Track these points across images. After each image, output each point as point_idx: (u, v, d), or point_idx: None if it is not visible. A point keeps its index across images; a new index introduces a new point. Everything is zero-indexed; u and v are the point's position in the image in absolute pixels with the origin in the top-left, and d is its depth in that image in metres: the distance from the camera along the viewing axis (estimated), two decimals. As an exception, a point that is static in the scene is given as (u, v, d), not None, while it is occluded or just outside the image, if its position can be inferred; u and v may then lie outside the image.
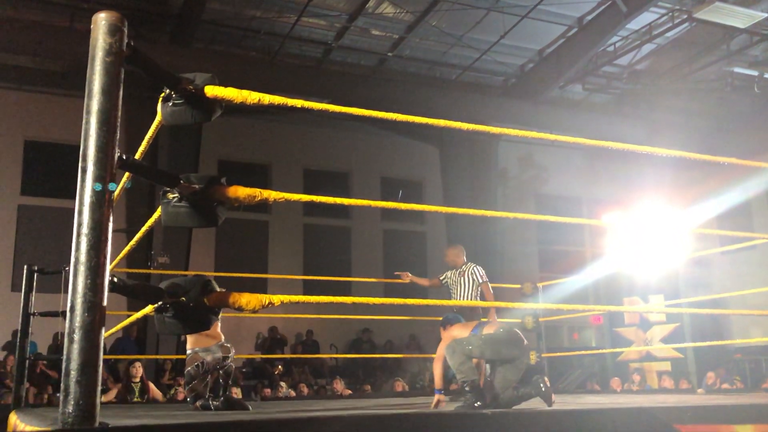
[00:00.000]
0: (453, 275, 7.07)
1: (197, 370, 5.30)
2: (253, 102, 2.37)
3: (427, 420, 2.39)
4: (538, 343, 8.10)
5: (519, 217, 3.44)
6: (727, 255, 13.76)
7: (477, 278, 6.93)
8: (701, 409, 3.11)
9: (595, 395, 8.40)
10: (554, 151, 17.73)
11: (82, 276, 1.90)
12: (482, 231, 15.59)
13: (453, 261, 7.11)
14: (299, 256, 16.03)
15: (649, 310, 12.18)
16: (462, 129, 2.97)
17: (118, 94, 2.05)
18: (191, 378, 5.30)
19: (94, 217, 1.94)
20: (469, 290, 6.91)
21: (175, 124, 2.39)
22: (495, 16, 13.07)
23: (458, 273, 7.01)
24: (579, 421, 2.40)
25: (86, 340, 1.87)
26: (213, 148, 14.95)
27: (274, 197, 2.44)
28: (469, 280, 6.94)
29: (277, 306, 2.35)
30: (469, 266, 7.03)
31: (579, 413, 2.53)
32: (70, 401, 1.84)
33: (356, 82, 14.40)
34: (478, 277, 6.94)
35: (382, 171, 17.23)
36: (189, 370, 5.31)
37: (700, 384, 11.27)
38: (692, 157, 3.71)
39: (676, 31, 13.35)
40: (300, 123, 16.03)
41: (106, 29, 2.04)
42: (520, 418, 2.46)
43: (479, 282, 6.93)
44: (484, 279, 6.96)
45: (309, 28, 13.47)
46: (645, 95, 15.76)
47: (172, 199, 2.34)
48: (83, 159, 1.98)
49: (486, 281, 6.97)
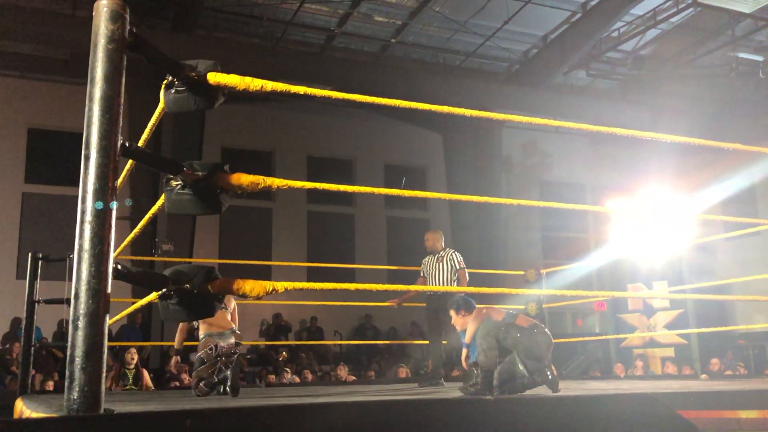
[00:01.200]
0: (430, 260, 7.06)
1: (210, 354, 5.34)
2: (255, 89, 2.36)
3: (431, 406, 2.40)
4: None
5: (523, 204, 3.44)
6: (731, 241, 13.74)
7: (455, 264, 6.94)
8: (705, 394, 3.11)
9: (599, 381, 8.42)
10: (558, 137, 17.69)
11: (86, 263, 1.91)
12: (486, 218, 15.58)
13: (432, 246, 7.08)
14: (303, 243, 16.05)
15: (652, 296, 12.18)
16: (465, 115, 2.96)
17: (121, 81, 2.05)
18: (201, 362, 5.34)
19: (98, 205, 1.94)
20: (447, 276, 6.92)
21: (178, 112, 2.39)
22: (499, 2, 13.01)
23: (436, 259, 7.00)
24: (582, 408, 2.41)
25: (91, 328, 1.88)
26: (216, 135, 14.95)
27: (277, 184, 2.44)
28: (447, 266, 6.94)
29: (281, 293, 2.35)
30: (448, 252, 7.02)
31: (582, 399, 2.54)
32: (75, 388, 1.85)
33: (359, 69, 14.36)
34: (456, 263, 6.95)
35: (385, 158, 17.21)
36: (201, 355, 5.34)
37: (703, 370, 11.29)
38: (697, 143, 3.70)
39: (680, 16, 13.28)
40: (303, 110, 16.00)
41: (108, 16, 2.03)
42: (524, 404, 2.47)
43: (457, 268, 6.94)
44: (461, 265, 6.96)
45: (311, 15, 13.43)
46: (649, 81, 15.69)
47: (176, 187, 2.34)
48: (86, 146, 1.98)
49: (463, 267, 6.98)
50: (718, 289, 12.34)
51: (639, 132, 3.48)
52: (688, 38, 14.33)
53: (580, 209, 4.66)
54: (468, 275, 7.00)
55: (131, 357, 9.01)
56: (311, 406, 2.15)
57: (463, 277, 6.97)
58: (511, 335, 4.67)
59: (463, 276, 6.98)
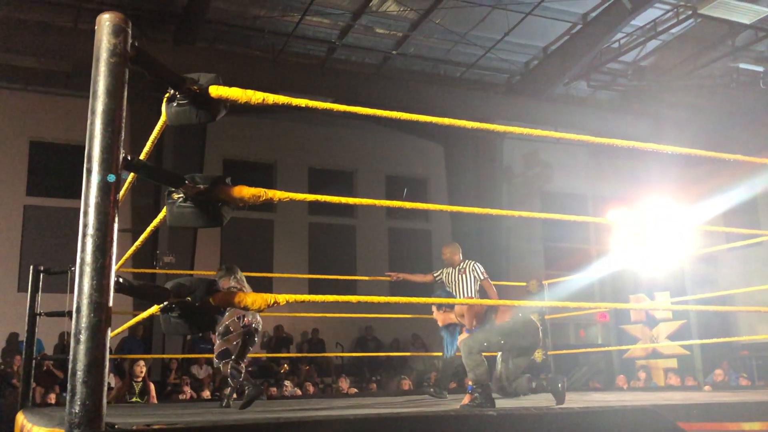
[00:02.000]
0: (452, 273, 7.07)
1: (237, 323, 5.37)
2: (257, 102, 2.36)
3: (431, 420, 2.38)
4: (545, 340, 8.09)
5: (524, 215, 3.43)
6: (733, 252, 13.72)
7: (478, 275, 6.97)
8: (708, 406, 3.10)
9: (601, 393, 8.39)
10: (559, 148, 17.70)
11: (87, 277, 1.90)
12: (487, 228, 15.57)
13: (450, 259, 7.11)
14: (304, 255, 16.04)
15: (655, 307, 12.15)
16: (467, 127, 2.96)
17: (123, 94, 2.05)
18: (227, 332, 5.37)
19: (100, 218, 1.94)
20: (471, 287, 6.94)
21: (179, 125, 2.39)
22: (499, 14, 13.05)
23: (457, 271, 7.02)
24: (585, 421, 2.39)
25: (92, 341, 1.88)
26: (218, 147, 14.98)
27: (279, 197, 2.44)
28: (471, 278, 6.96)
29: (283, 305, 2.35)
30: (469, 263, 7.04)
31: (585, 413, 2.53)
32: (77, 402, 1.85)
33: (360, 81, 14.40)
34: (479, 273, 6.98)
35: (387, 169, 17.23)
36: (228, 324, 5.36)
37: (706, 381, 11.25)
38: (698, 154, 3.69)
39: (681, 27, 13.31)
40: (304, 122, 16.04)
41: (111, 30, 2.04)
42: (525, 418, 2.46)
43: (480, 279, 6.97)
44: (485, 276, 7.00)
45: (313, 27, 13.47)
46: (650, 92, 15.72)
47: (177, 200, 2.34)
48: (88, 160, 1.98)
49: (487, 278, 7.01)
50: (721, 300, 12.31)
51: (640, 143, 3.48)
52: (688, 49, 14.36)
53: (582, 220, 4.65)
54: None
55: (140, 369, 9.02)
56: (313, 421, 2.14)
57: (489, 287, 7.02)
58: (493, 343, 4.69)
59: (489, 286, 7.03)
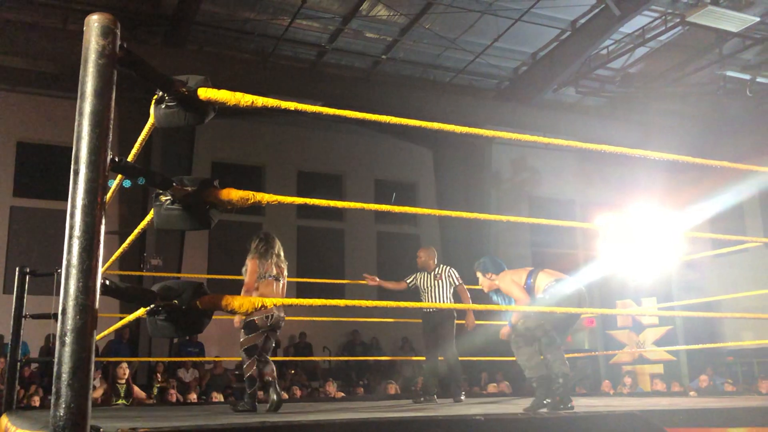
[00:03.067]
0: (426, 278, 7.08)
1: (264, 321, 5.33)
2: (246, 104, 2.36)
3: (417, 425, 2.38)
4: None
5: (512, 220, 3.44)
6: (719, 258, 13.81)
7: (454, 280, 7.01)
8: (694, 412, 3.11)
9: (587, 398, 8.41)
10: (547, 153, 17.76)
11: (74, 279, 1.89)
12: (476, 233, 15.61)
13: (425, 263, 7.13)
14: (292, 258, 15.91)
15: (642, 313, 12.21)
16: (456, 132, 2.96)
17: (111, 96, 2.04)
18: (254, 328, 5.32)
19: (87, 220, 1.93)
20: (446, 292, 6.98)
21: (168, 127, 2.38)
22: (489, 19, 13.09)
23: (433, 276, 7.04)
24: (572, 426, 2.40)
25: (78, 344, 1.86)
26: (206, 149, 14.94)
27: (267, 200, 2.44)
28: (446, 283, 6.99)
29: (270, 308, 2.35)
30: (444, 268, 7.08)
31: (572, 418, 2.53)
32: (62, 405, 1.83)
33: (350, 85, 14.40)
34: (455, 279, 7.02)
35: (375, 173, 17.23)
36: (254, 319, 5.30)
37: (691, 386, 11.30)
38: (685, 161, 3.71)
39: (669, 34, 13.40)
40: (294, 125, 16.02)
41: (99, 31, 2.03)
42: (513, 423, 2.46)
43: (456, 284, 7.01)
44: (460, 281, 7.05)
45: (303, 31, 13.47)
46: (638, 98, 15.81)
47: (165, 202, 2.33)
48: (75, 161, 1.97)
49: (462, 283, 7.06)
50: (707, 305, 12.37)
51: (628, 149, 3.50)
52: (676, 56, 14.45)
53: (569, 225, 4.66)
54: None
55: (123, 372, 8.97)
56: (300, 425, 2.13)
57: (463, 292, 7.06)
58: (535, 323, 4.55)
59: (464, 291, 7.06)
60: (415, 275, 7.21)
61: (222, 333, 13.99)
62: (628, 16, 12.38)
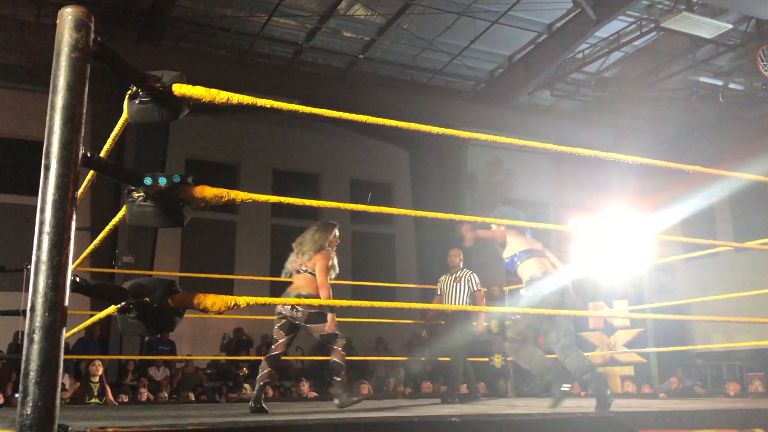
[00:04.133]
0: (447, 279, 7.28)
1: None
2: (221, 101, 2.34)
3: (391, 426, 2.38)
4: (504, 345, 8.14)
5: (488, 221, 3.45)
6: (690, 261, 13.96)
7: (472, 286, 7.21)
8: (665, 414, 3.14)
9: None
10: (522, 156, 17.85)
11: (43, 275, 1.87)
12: (450, 234, 15.62)
13: (453, 261, 7.35)
14: (266, 257, 15.93)
15: (613, 315, 12.31)
16: (432, 132, 2.96)
17: (84, 90, 2.02)
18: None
19: (57, 216, 1.90)
20: (464, 297, 7.17)
21: (142, 122, 2.36)
22: (466, 21, 13.13)
23: (453, 278, 7.25)
24: (547, 428, 2.41)
25: (47, 341, 1.84)
26: (180, 146, 14.82)
27: (241, 198, 2.42)
28: (465, 287, 7.19)
29: (244, 307, 2.33)
30: (465, 273, 7.31)
31: (547, 420, 2.55)
32: (29, 403, 1.81)
33: (326, 84, 14.37)
34: (474, 284, 7.22)
35: (351, 173, 17.21)
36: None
37: (661, 388, 11.41)
38: (659, 165, 3.75)
39: (643, 39, 13.54)
40: (269, 123, 15.94)
41: (73, 24, 2.00)
42: (488, 425, 2.46)
43: (473, 290, 7.21)
44: (478, 287, 7.25)
45: (280, 28, 13.42)
46: (612, 102, 15.95)
47: (137, 199, 2.30)
48: (47, 156, 1.95)
49: (479, 289, 7.27)
50: (678, 308, 12.50)
51: (602, 153, 3.52)
52: (650, 61, 14.61)
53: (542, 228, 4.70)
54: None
55: (95, 369, 8.88)
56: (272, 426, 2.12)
57: (479, 298, 7.25)
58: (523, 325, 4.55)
59: (480, 297, 7.27)
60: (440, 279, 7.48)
61: (194, 331, 13.91)
62: (603, 21, 12.48)
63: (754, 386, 11.60)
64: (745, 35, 13.18)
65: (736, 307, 11.77)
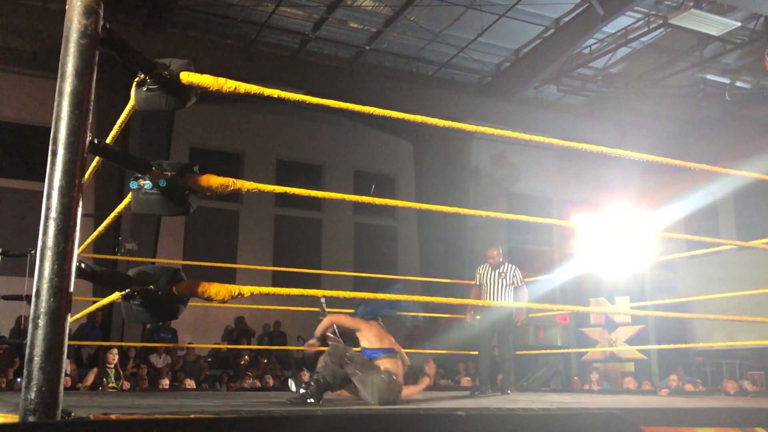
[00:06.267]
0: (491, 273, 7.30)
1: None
2: (229, 90, 2.34)
3: (394, 419, 2.38)
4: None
5: (491, 216, 3.45)
6: (692, 258, 13.95)
7: (516, 281, 7.24)
8: (666, 411, 3.14)
9: (559, 394, 8.47)
10: (526, 150, 17.82)
11: (49, 261, 1.87)
12: (453, 228, 15.65)
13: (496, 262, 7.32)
14: (269, 247, 15.95)
15: (615, 311, 12.31)
16: (437, 125, 2.96)
17: (92, 77, 2.02)
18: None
19: (63, 202, 1.90)
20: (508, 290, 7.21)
21: (148, 110, 2.36)
22: (473, 14, 13.09)
23: (497, 273, 7.25)
24: (549, 424, 2.41)
25: (51, 326, 1.84)
26: (185, 134, 14.81)
27: (247, 187, 2.42)
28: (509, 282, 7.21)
29: (246, 297, 2.33)
30: (509, 267, 7.32)
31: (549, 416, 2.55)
32: (33, 388, 1.81)
33: (332, 74, 14.35)
34: (518, 280, 7.26)
35: (355, 164, 17.19)
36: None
37: (662, 385, 11.41)
38: (664, 162, 3.74)
39: (651, 36, 13.48)
40: (274, 113, 15.92)
41: (82, 11, 2.00)
42: (489, 419, 2.46)
43: (518, 285, 7.25)
44: (522, 282, 7.30)
45: (286, 18, 13.39)
46: (617, 98, 15.90)
47: (143, 186, 2.30)
48: (54, 142, 1.95)
49: (523, 284, 7.32)
50: (679, 306, 12.49)
51: (607, 149, 3.52)
52: (657, 58, 14.55)
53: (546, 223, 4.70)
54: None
55: (113, 357, 9.03)
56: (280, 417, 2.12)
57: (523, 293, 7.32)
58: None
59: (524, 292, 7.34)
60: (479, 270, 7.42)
61: (196, 319, 13.93)
62: (611, 16, 12.44)
63: (754, 384, 11.62)
64: (753, 33, 13.12)
65: (737, 305, 11.76)
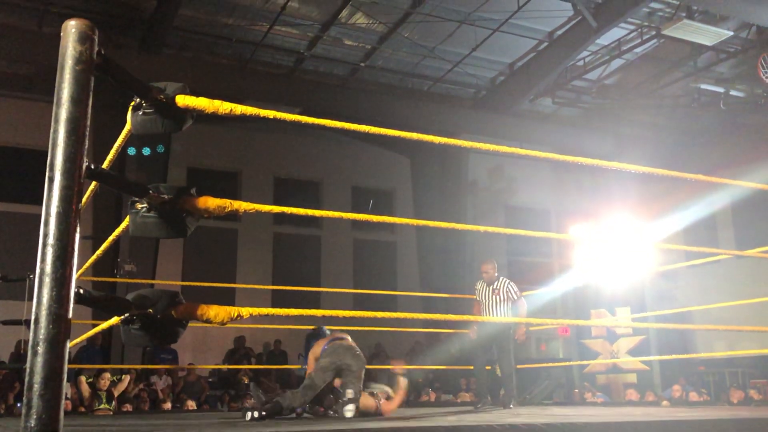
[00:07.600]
0: (486, 290, 7.30)
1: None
2: (225, 112, 2.35)
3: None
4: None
5: (489, 230, 3.45)
6: (692, 268, 13.95)
7: (512, 295, 7.22)
8: (666, 424, 3.13)
9: (562, 407, 8.44)
10: (524, 163, 17.86)
11: (47, 287, 1.87)
12: (452, 242, 15.64)
13: (490, 277, 7.34)
14: (268, 266, 15.93)
15: (616, 324, 12.30)
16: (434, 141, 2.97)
17: (88, 103, 2.02)
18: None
19: (61, 228, 1.90)
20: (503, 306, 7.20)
21: (144, 134, 2.36)
22: (467, 29, 13.15)
23: (492, 289, 7.25)
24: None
25: (51, 353, 1.84)
26: (182, 154, 14.83)
27: (244, 208, 2.42)
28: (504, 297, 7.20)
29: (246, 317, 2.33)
30: (503, 282, 7.30)
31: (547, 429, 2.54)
32: (33, 415, 1.80)
33: (328, 91, 14.39)
34: (513, 294, 7.23)
35: (353, 180, 17.22)
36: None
37: (664, 396, 11.38)
38: (660, 173, 3.74)
39: (644, 47, 13.54)
40: (271, 131, 15.97)
41: (77, 37, 2.01)
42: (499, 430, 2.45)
43: (514, 299, 7.23)
44: (518, 295, 7.28)
45: (281, 37, 13.44)
46: (613, 109, 15.95)
47: (141, 210, 2.31)
48: (50, 168, 1.95)
49: (520, 297, 7.31)
50: (680, 316, 12.49)
51: (603, 162, 3.52)
52: (651, 68, 14.62)
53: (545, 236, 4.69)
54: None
55: (104, 384, 8.97)
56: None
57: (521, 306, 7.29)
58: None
59: (522, 305, 7.31)
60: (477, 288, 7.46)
61: (195, 340, 13.89)
62: (604, 28, 12.50)
63: (760, 393, 11.58)
64: (745, 42, 13.19)
65: (737, 314, 11.75)
